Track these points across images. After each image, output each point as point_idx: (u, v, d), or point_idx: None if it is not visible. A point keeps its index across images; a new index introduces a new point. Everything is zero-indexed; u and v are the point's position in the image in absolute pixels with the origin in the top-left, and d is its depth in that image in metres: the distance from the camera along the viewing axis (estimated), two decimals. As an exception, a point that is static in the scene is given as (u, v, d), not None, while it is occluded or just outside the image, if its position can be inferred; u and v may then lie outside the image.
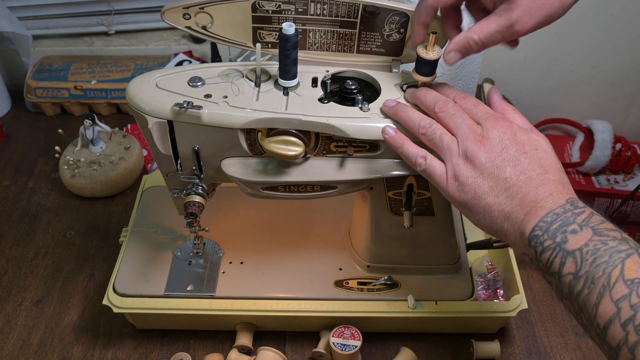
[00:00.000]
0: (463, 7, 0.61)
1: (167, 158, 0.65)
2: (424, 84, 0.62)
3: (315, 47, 0.66)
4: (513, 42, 0.60)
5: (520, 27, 0.55)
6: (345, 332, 0.71)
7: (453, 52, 0.58)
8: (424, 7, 0.58)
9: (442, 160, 0.57)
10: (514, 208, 0.51)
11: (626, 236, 0.47)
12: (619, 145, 1.22)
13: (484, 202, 0.53)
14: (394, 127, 0.60)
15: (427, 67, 0.60)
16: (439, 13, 0.60)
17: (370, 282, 0.75)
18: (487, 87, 1.19)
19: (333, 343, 0.70)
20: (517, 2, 0.54)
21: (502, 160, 0.53)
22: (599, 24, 1.20)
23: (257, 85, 0.63)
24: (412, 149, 0.58)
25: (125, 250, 0.78)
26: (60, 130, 0.99)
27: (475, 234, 0.82)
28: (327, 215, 0.85)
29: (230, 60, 1.14)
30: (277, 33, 0.63)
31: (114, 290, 0.73)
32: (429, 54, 0.59)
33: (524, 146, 0.53)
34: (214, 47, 1.13)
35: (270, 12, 0.62)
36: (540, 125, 1.38)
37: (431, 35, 0.58)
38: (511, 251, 0.78)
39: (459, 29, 0.61)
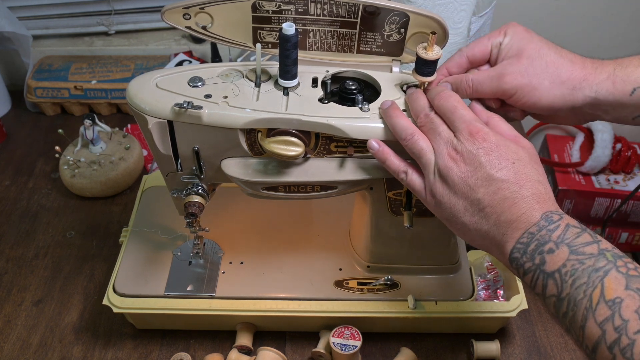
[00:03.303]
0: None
1: (167, 158, 0.65)
2: (424, 85, 0.62)
3: (315, 47, 0.66)
4: (518, 114, 0.61)
5: (509, 80, 0.57)
6: (345, 332, 0.71)
7: (445, 82, 0.62)
8: (459, 56, 0.62)
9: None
10: (490, 228, 0.51)
11: (604, 246, 0.47)
12: (619, 145, 1.22)
13: (460, 221, 0.53)
14: (378, 140, 0.60)
15: (427, 67, 0.60)
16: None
17: (370, 282, 0.75)
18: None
19: (333, 343, 0.70)
20: (519, 61, 0.57)
21: (475, 180, 0.52)
22: (599, 24, 1.20)
23: (257, 85, 0.63)
24: (395, 163, 0.58)
25: (125, 250, 0.78)
26: (60, 130, 0.99)
27: (475, 234, 0.82)
28: (327, 215, 0.85)
29: (230, 60, 1.14)
30: (277, 33, 0.63)
31: (114, 290, 0.73)
32: (429, 54, 0.59)
33: (500, 161, 0.51)
34: (214, 47, 1.13)
35: (270, 12, 0.62)
36: (540, 126, 1.38)
37: (431, 35, 0.58)
38: (511, 251, 0.78)
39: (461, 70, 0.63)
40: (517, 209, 0.50)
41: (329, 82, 0.65)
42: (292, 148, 0.60)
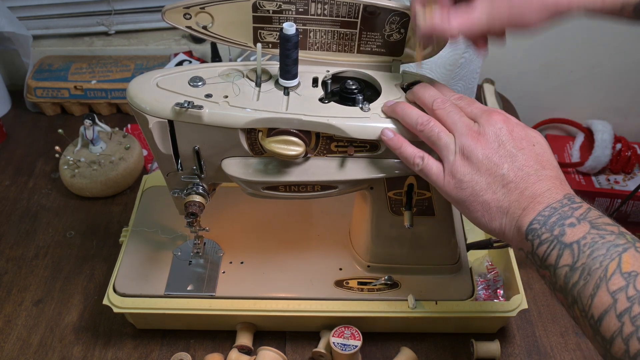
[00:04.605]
0: None
1: (167, 158, 0.65)
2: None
3: (315, 47, 0.66)
4: (501, 35, 0.58)
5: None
6: (345, 332, 0.71)
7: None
8: None
9: (439, 160, 0.57)
10: (512, 204, 0.51)
11: (624, 230, 0.47)
12: (619, 145, 1.22)
13: (482, 199, 0.53)
14: (393, 128, 0.60)
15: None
16: None
17: (370, 282, 0.75)
18: (487, 87, 1.19)
19: (333, 343, 0.70)
20: None
21: (499, 157, 0.53)
22: (599, 24, 1.20)
23: (258, 85, 0.63)
24: (410, 150, 0.59)
25: (125, 250, 0.78)
26: (60, 130, 0.99)
27: (475, 234, 0.82)
28: (327, 215, 0.85)
29: (231, 60, 1.14)
30: (278, 33, 0.63)
31: (114, 290, 0.73)
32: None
33: (521, 142, 0.53)
34: (214, 47, 1.13)
35: (270, 12, 0.62)
36: (540, 125, 1.38)
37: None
38: (511, 251, 0.78)
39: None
40: (541, 185, 0.51)
41: (329, 82, 0.65)
42: (293, 148, 0.60)
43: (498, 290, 0.78)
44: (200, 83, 0.62)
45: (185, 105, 0.59)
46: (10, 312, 0.81)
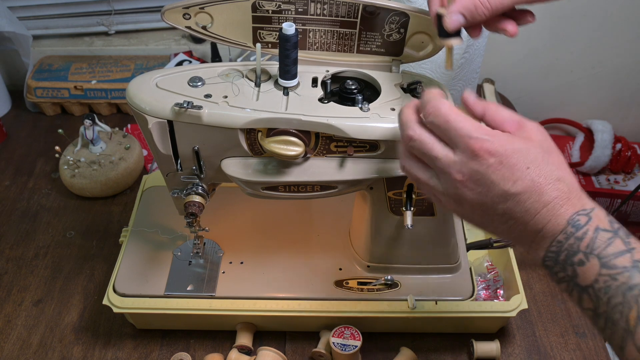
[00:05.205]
0: None
1: (167, 158, 0.65)
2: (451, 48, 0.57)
3: (315, 47, 0.66)
4: (512, 27, 0.55)
5: None
6: (345, 332, 0.71)
7: (456, 13, 0.52)
8: None
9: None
10: (519, 235, 0.48)
11: (637, 256, 0.43)
12: (619, 145, 1.22)
13: (489, 229, 0.51)
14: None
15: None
16: None
17: (370, 282, 0.75)
18: (487, 87, 1.19)
19: (333, 343, 0.70)
20: None
21: (491, 198, 0.47)
22: (599, 24, 1.20)
23: (257, 85, 0.63)
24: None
25: (125, 250, 0.78)
26: (60, 130, 0.99)
27: (475, 234, 0.82)
28: (327, 215, 0.85)
29: (230, 60, 1.14)
30: (277, 33, 0.63)
31: (114, 290, 0.73)
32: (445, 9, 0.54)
33: (513, 172, 0.46)
34: (214, 47, 1.13)
35: (270, 12, 0.62)
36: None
37: None
38: (511, 251, 0.78)
39: None
40: (541, 219, 0.46)
41: (328, 81, 0.65)
42: (292, 148, 0.60)
43: (498, 290, 0.78)
44: (199, 83, 0.62)
45: (185, 105, 0.59)
46: (10, 312, 0.81)
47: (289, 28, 0.58)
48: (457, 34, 0.55)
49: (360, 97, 0.62)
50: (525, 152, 0.47)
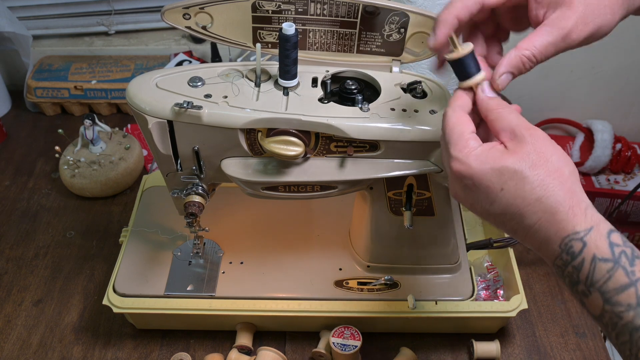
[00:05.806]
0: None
1: (167, 158, 0.65)
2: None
3: (315, 47, 0.66)
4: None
5: (576, 37, 0.50)
6: (345, 332, 0.71)
7: (505, 74, 0.50)
8: (449, 16, 0.51)
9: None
10: (531, 243, 0.47)
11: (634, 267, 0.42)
12: (619, 145, 1.22)
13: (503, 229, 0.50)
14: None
15: (464, 66, 0.51)
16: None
17: (370, 282, 0.75)
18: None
19: (333, 343, 0.70)
20: (574, 8, 0.49)
21: (494, 219, 0.47)
22: (599, 24, 1.20)
23: (257, 85, 0.63)
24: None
25: (125, 250, 0.78)
26: (60, 130, 0.99)
27: (475, 234, 0.82)
28: (327, 215, 0.85)
29: (230, 60, 1.14)
30: (277, 33, 0.63)
31: (114, 290, 0.73)
32: (458, 51, 0.50)
33: (488, 194, 0.46)
34: (214, 47, 1.13)
35: (270, 12, 0.62)
36: (541, 126, 1.38)
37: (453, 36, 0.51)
38: (511, 251, 0.78)
39: (499, 47, 0.57)
40: (533, 240, 0.45)
41: (328, 82, 0.65)
42: (292, 148, 0.60)
43: (498, 290, 0.78)
44: (199, 83, 0.62)
45: (185, 105, 0.59)
46: (10, 312, 0.81)
47: (289, 28, 0.58)
48: (477, 69, 0.51)
49: (360, 97, 0.62)
50: (499, 173, 0.45)
